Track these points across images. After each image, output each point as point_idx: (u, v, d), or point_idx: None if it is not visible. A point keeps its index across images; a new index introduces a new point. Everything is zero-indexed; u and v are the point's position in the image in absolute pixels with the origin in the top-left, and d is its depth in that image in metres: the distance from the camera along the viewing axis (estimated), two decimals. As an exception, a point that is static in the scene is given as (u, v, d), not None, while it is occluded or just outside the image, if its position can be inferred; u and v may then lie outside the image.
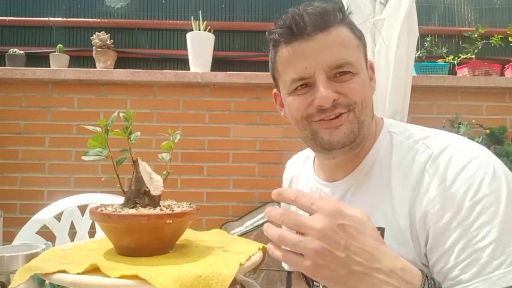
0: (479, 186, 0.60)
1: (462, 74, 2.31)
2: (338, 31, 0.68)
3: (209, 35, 2.25)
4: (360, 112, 0.69)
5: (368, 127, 0.72)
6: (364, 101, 0.69)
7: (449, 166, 0.63)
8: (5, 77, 2.16)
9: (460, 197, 0.60)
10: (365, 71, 0.72)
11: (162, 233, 0.67)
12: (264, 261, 0.76)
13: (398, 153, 0.70)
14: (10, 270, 0.77)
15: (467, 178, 0.61)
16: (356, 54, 0.70)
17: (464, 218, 0.59)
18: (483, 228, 0.57)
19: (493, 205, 0.58)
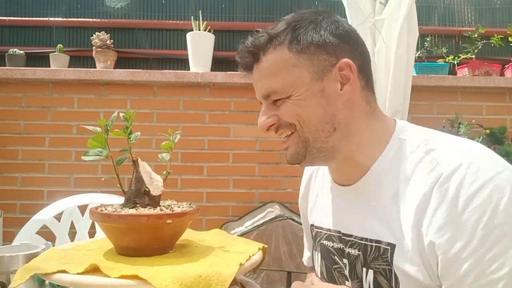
0: (493, 214, 0.57)
1: (462, 74, 2.31)
2: (267, 59, 0.71)
3: (209, 35, 2.25)
4: (301, 131, 0.71)
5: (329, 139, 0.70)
6: (301, 119, 0.70)
7: (461, 191, 0.59)
8: (5, 77, 2.16)
9: (472, 226, 0.57)
10: (306, 86, 0.69)
11: (162, 233, 0.67)
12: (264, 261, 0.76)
13: (407, 164, 0.67)
14: (10, 270, 0.77)
15: (479, 205, 0.58)
16: (287, 76, 0.69)
17: (476, 248, 0.57)
18: (496, 259, 0.56)
19: (508, 235, 0.56)
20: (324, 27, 0.70)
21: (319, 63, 0.69)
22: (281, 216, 1.82)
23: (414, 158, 0.67)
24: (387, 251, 0.66)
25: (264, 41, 0.71)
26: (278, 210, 1.95)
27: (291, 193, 2.21)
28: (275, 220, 1.81)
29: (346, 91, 0.70)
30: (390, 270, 0.66)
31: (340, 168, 0.77)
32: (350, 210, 0.75)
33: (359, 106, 0.72)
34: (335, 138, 0.71)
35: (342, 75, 0.70)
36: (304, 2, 2.54)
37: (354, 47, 0.72)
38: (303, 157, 0.72)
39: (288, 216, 1.82)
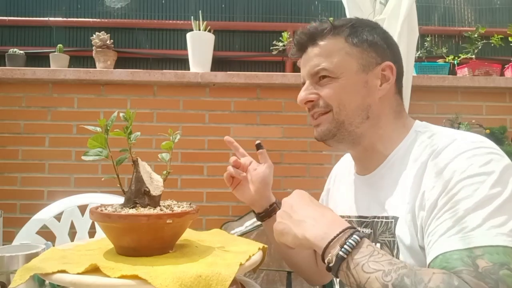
0: (469, 167, 0.65)
1: (462, 74, 2.31)
2: (324, 42, 0.81)
3: (209, 35, 2.25)
4: (338, 113, 0.79)
5: (360, 126, 0.80)
6: (341, 103, 0.79)
7: (448, 154, 0.69)
8: (5, 77, 2.16)
9: (450, 175, 0.65)
10: (352, 75, 0.79)
11: (162, 233, 0.67)
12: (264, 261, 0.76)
13: (418, 149, 0.76)
14: (10, 270, 0.77)
15: (460, 161, 0.66)
16: (339, 61, 0.79)
17: (447, 191, 0.64)
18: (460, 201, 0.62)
19: (477, 184, 0.63)
20: (378, 32, 0.83)
21: (367, 58, 0.80)
22: (281, 216, 1.82)
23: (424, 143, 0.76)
24: (392, 223, 0.74)
25: (326, 28, 0.81)
26: (278, 210, 1.95)
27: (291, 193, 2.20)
28: (275, 220, 1.81)
29: (384, 89, 0.80)
30: (394, 241, 0.73)
31: (360, 157, 0.86)
32: (367, 196, 0.83)
33: (390, 104, 0.82)
34: (366, 125, 0.80)
35: (383, 74, 0.80)
36: (304, 2, 2.54)
37: (397, 57, 0.84)
38: (333, 136, 0.81)
39: (288, 216, 1.82)
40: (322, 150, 2.21)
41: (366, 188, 0.84)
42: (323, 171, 1.10)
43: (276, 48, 2.33)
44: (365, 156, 0.84)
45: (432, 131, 0.79)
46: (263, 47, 2.49)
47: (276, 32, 2.42)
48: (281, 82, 2.20)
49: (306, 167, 2.23)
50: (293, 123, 2.24)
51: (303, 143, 2.23)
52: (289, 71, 2.41)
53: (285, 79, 2.20)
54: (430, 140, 0.75)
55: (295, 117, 2.24)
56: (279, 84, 2.20)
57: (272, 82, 2.20)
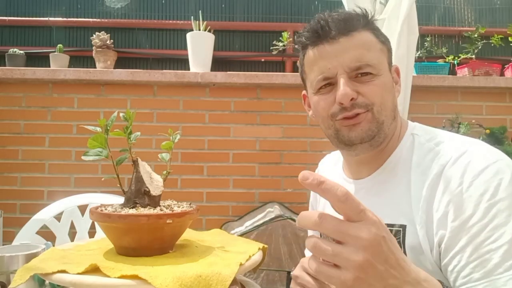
0: (495, 190, 0.62)
1: (462, 74, 2.31)
2: (361, 35, 0.74)
3: (209, 35, 2.25)
4: (379, 113, 0.73)
5: (390, 127, 0.75)
6: (383, 102, 0.73)
7: (467, 170, 0.65)
8: (5, 77, 2.16)
9: (477, 199, 0.62)
10: (388, 73, 0.76)
11: (162, 233, 0.67)
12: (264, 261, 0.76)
13: (419, 154, 0.73)
14: (10, 270, 0.77)
15: (483, 182, 0.63)
16: (378, 57, 0.74)
17: (479, 220, 0.61)
18: (497, 230, 0.59)
19: (508, 209, 0.60)
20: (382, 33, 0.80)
21: (389, 58, 0.78)
22: (281, 216, 1.82)
23: (425, 149, 0.73)
24: (399, 232, 0.71)
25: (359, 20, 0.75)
26: (278, 210, 1.95)
27: (291, 193, 2.21)
28: (275, 220, 1.81)
29: (397, 90, 0.80)
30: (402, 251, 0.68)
31: (362, 161, 0.81)
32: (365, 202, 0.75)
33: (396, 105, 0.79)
34: (392, 126, 0.77)
35: (394, 76, 0.80)
36: (304, 2, 2.54)
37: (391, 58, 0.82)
38: (372, 138, 0.74)
39: (288, 216, 1.82)
40: (322, 150, 2.21)
41: (363, 193, 0.80)
42: (323, 171, 1.09)
43: (276, 48, 2.33)
44: (369, 160, 0.79)
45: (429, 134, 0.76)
46: (263, 47, 2.49)
47: (276, 32, 2.42)
48: (281, 82, 2.20)
49: (306, 167, 2.23)
50: (293, 123, 2.24)
51: (303, 143, 2.23)
52: (289, 71, 2.41)
53: (285, 79, 2.20)
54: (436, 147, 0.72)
55: (295, 117, 2.24)
56: (279, 84, 2.20)
57: (272, 82, 2.20)
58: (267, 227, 1.82)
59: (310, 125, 2.23)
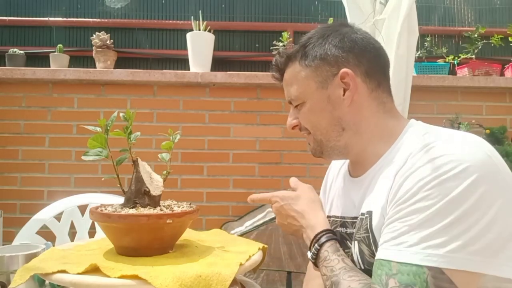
0: (435, 178, 0.62)
1: (462, 74, 2.31)
2: (287, 72, 0.86)
3: (209, 35, 2.25)
4: (315, 134, 0.83)
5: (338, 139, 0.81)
6: (313, 125, 0.82)
7: (423, 157, 0.67)
8: (5, 77, 2.16)
9: (414, 183, 0.65)
10: (315, 94, 0.80)
11: (162, 233, 0.67)
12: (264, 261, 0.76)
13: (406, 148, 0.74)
14: (10, 270, 0.77)
15: (430, 168, 0.64)
16: (299, 87, 0.82)
17: (404, 200, 0.65)
18: (411, 213, 0.63)
19: (432, 200, 0.62)
20: (329, 41, 0.80)
21: (322, 73, 0.80)
22: (281, 216, 1.82)
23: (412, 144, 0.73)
24: (367, 219, 0.74)
25: (283, 61, 0.86)
26: (278, 210, 1.95)
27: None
28: (275, 220, 1.80)
29: (348, 97, 0.79)
30: (368, 237, 0.73)
31: (356, 161, 0.86)
32: (357, 197, 0.82)
33: (369, 106, 0.80)
34: (346, 136, 0.81)
35: (344, 82, 0.79)
36: (304, 2, 2.54)
37: (360, 55, 0.80)
38: (321, 153, 0.86)
39: (288, 216, 1.82)
40: (322, 150, 2.20)
41: (357, 189, 0.83)
42: (323, 171, 1.09)
43: (276, 48, 2.33)
44: (360, 160, 0.83)
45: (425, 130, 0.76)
46: (263, 47, 2.49)
47: (276, 32, 2.42)
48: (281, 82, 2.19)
49: (306, 167, 2.23)
50: (293, 123, 2.23)
51: (303, 143, 2.23)
52: (289, 71, 2.41)
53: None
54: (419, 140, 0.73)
55: (295, 117, 2.23)
56: (279, 84, 2.20)
57: (272, 82, 2.18)
58: (267, 227, 1.81)
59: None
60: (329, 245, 0.75)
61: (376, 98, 0.81)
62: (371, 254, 0.72)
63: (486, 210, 0.60)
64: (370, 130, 0.80)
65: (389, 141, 0.79)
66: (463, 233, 0.59)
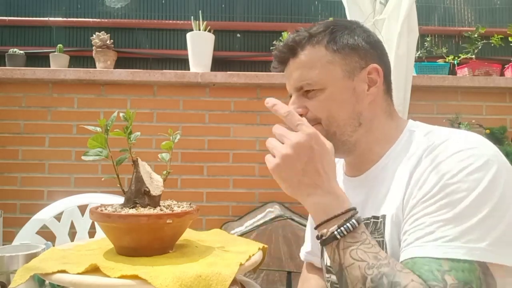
0: (458, 172, 0.62)
1: (462, 74, 2.31)
2: (304, 54, 0.78)
3: (209, 35, 2.25)
4: (328, 125, 0.77)
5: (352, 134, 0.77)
6: (330, 115, 0.76)
7: (440, 154, 0.67)
8: (5, 77, 2.16)
9: (438, 178, 0.64)
10: (339, 83, 0.76)
11: (162, 233, 0.67)
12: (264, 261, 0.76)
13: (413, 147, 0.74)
14: (10, 270, 0.77)
15: (449, 164, 0.64)
16: (320, 72, 0.76)
17: (432, 195, 0.63)
18: (443, 207, 0.61)
19: (463, 193, 0.61)
20: (358, 33, 0.79)
21: (351, 63, 0.77)
22: (281, 216, 1.82)
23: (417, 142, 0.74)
24: (381, 223, 0.72)
25: (304, 38, 0.78)
26: (278, 210, 1.95)
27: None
28: (275, 220, 1.81)
29: (372, 92, 0.78)
30: (383, 241, 0.71)
31: (355, 160, 0.83)
32: (359, 197, 0.80)
33: (381, 106, 0.80)
34: (359, 133, 0.78)
35: (370, 78, 0.78)
36: (304, 2, 2.54)
37: (381, 55, 0.81)
38: None
39: (288, 216, 1.82)
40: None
41: (359, 190, 0.81)
42: (323, 171, 1.08)
43: (276, 48, 2.33)
44: (361, 160, 0.81)
45: (427, 129, 0.77)
46: (263, 47, 2.49)
47: (276, 32, 2.42)
48: (281, 82, 2.19)
49: (306, 167, 2.23)
50: (293, 123, 2.23)
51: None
52: (289, 71, 2.41)
53: (285, 79, 2.19)
54: (426, 138, 0.73)
55: (295, 117, 2.24)
56: (279, 84, 2.20)
57: (272, 82, 2.20)
58: (267, 227, 1.82)
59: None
60: (365, 226, 0.64)
61: (386, 100, 0.81)
62: None
63: (509, 202, 0.61)
64: (379, 129, 0.79)
65: (390, 141, 0.79)
66: (497, 225, 0.59)
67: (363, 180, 0.81)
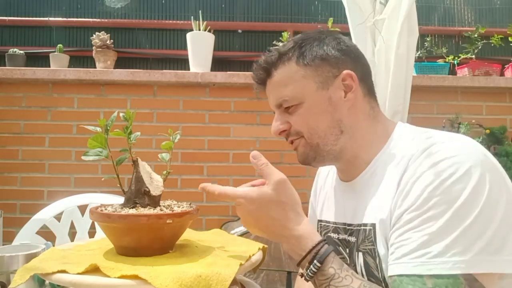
0: (442, 183, 0.62)
1: (462, 74, 2.31)
2: (278, 73, 0.80)
3: (209, 35, 2.25)
4: (310, 138, 0.78)
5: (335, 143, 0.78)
6: (311, 127, 0.78)
7: (423, 162, 0.66)
8: (5, 77, 2.16)
9: (422, 189, 0.64)
10: (315, 95, 0.77)
11: (162, 233, 0.67)
12: (264, 261, 0.76)
13: (400, 153, 0.74)
14: (10, 270, 0.77)
15: (433, 174, 0.64)
16: (296, 87, 0.78)
17: (416, 208, 0.63)
18: (427, 221, 0.61)
19: (445, 205, 0.61)
20: (327, 43, 0.79)
21: (323, 73, 0.78)
22: (281, 216, 1.82)
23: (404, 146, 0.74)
24: (371, 231, 0.72)
25: (275, 58, 0.80)
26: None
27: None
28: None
29: (349, 98, 0.78)
30: (374, 249, 0.72)
31: (345, 166, 0.83)
32: (351, 203, 0.81)
33: (363, 110, 0.80)
34: (342, 140, 0.78)
35: (345, 84, 0.78)
36: (304, 2, 2.54)
37: (355, 60, 0.81)
38: (313, 159, 0.81)
39: (288, 216, 1.82)
40: (322, 150, 2.20)
41: (350, 194, 0.82)
42: (323, 171, 1.09)
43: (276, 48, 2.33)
44: (349, 166, 0.81)
45: (415, 133, 0.76)
46: (263, 47, 2.49)
47: (276, 32, 2.42)
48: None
49: (306, 167, 2.22)
50: (293, 123, 2.23)
51: (303, 143, 2.23)
52: (289, 71, 2.41)
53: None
54: (414, 143, 0.72)
55: (295, 117, 2.24)
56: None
57: (272, 82, 2.20)
58: (267, 227, 1.81)
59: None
60: (332, 259, 0.67)
61: (369, 102, 0.81)
62: (376, 267, 0.71)
63: (495, 207, 0.61)
64: (363, 134, 0.79)
65: (378, 146, 0.79)
66: (483, 233, 0.59)
67: (354, 185, 0.81)
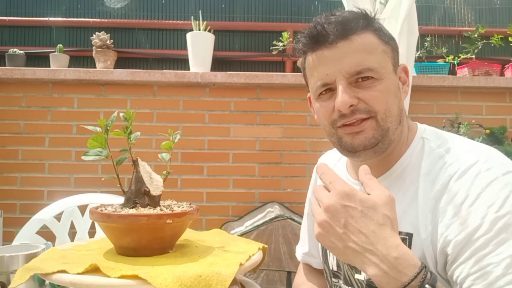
0: (503, 203, 0.59)
1: (462, 74, 2.31)
2: (360, 38, 0.69)
3: (209, 35, 2.25)
4: (384, 120, 0.69)
5: (395, 133, 0.72)
6: (388, 109, 0.69)
7: (474, 182, 0.63)
8: (5, 77, 2.16)
9: (483, 212, 0.60)
10: (392, 76, 0.71)
11: (162, 233, 0.67)
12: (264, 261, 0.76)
13: (428, 160, 0.70)
14: (10, 270, 0.77)
15: (491, 195, 0.61)
16: (380, 60, 0.70)
17: (484, 232, 0.59)
18: (501, 243, 0.57)
19: None
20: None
21: (395, 57, 0.73)
22: (281, 216, 1.82)
23: (435, 155, 0.70)
24: (406, 240, 0.68)
25: (361, 20, 0.70)
26: (278, 210, 1.95)
27: (291, 193, 2.21)
28: (275, 220, 1.81)
29: (405, 91, 0.75)
30: None
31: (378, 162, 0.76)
32: None
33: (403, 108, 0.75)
34: (398, 132, 0.73)
35: (402, 76, 0.75)
36: (304, 2, 2.54)
37: None
38: (375, 145, 0.71)
39: (288, 216, 1.82)
40: (322, 150, 2.20)
41: None
42: (323, 171, 1.07)
43: (276, 48, 2.33)
44: (380, 162, 0.75)
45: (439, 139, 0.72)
46: (263, 47, 2.49)
47: (276, 32, 2.42)
48: (281, 82, 2.20)
49: (306, 167, 2.23)
50: (293, 123, 2.24)
51: (303, 143, 2.23)
52: (289, 71, 2.41)
53: (285, 79, 2.20)
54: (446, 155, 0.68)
55: (295, 117, 2.24)
56: (279, 84, 2.20)
57: (272, 82, 2.20)
58: (267, 227, 1.81)
59: (310, 125, 2.23)
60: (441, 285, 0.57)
61: None
62: None
63: None
64: (403, 129, 0.74)
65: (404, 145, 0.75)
66: None
67: None
